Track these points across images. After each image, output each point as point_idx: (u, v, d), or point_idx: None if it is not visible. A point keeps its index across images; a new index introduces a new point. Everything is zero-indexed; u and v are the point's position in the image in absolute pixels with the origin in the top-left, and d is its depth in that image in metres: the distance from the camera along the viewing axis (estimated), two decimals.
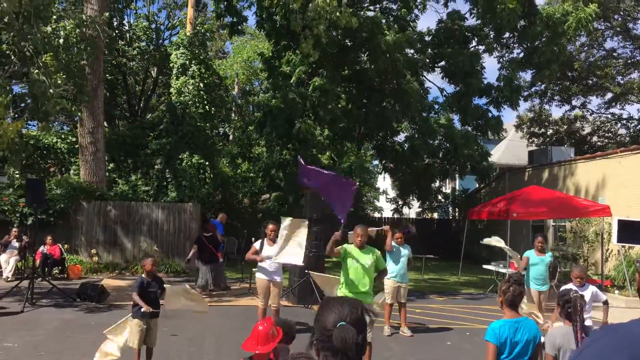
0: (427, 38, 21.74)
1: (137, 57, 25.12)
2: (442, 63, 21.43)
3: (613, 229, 2.47)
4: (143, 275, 6.78)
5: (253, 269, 10.21)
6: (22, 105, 11.89)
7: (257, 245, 8.95)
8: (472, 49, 20.83)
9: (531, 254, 9.60)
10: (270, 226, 9.05)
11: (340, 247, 7.05)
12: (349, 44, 19.25)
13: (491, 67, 76.94)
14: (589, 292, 6.69)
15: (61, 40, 11.24)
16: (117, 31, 24.00)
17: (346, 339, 1.84)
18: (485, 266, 16.17)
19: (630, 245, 13.52)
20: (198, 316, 7.85)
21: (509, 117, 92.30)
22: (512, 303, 4.42)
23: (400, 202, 26.84)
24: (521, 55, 21.06)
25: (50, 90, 10.72)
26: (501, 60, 21.37)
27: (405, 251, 9.69)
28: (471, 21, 20.71)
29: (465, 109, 20.42)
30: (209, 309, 7.50)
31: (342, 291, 6.93)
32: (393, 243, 9.55)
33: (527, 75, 24.54)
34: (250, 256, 8.85)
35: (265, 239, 8.93)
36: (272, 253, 8.79)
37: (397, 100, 19.98)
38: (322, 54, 16.98)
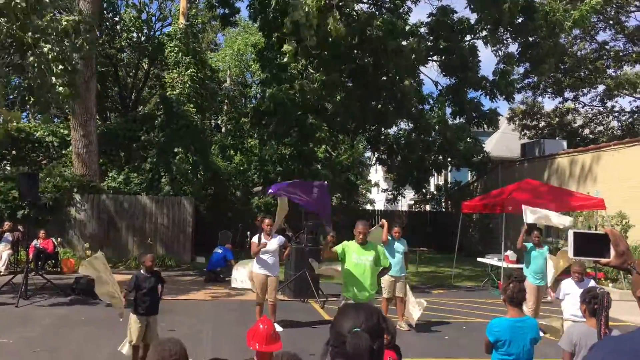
0: (421, 30, 21.57)
1: (127, 48, 24.85)
2: (436, 57, 21.27)
3: (569, 242, 2.46)
4: (141, 271, 6.67)
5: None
6: (20, 97, 11.75)
7: (255, 239, 8.95)
8: (467, 43, 20.67)
9: (531, 247, 9.69)
10: (267, 220, 9.11)
11: (336, 247, 6.99)
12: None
13: (485, 61, 76.98)
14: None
15: (53, 34, 11.10)
16: (107, 22, 23.73)
17: (359, 345, 1.82)
18: (479, 259, 16.19)
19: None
20: (195, 311, 7.76)
21: (501, 109, 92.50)
22: (512, 300, 4.44)
23: (395, 193, 26.65)
24: (518, 50, 20.91)
25: (52, 79, 10.58)
26: (497, 54, 21.20)
27: (400, 245, 9.62)
28: (462, 12, 20.47)
29: (461, 102, 20.35)
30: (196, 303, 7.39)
31: (348, 294, 6.82)
32: (389, 237, 9.49)
33: (520, 68, 24.43)
34: (255, 249, 8.81)
35: (262, 234, 8.92)
36: (269, 247, 8.79)
37: (394, 95, 19.84)
38: (321, 44, 16.78)
